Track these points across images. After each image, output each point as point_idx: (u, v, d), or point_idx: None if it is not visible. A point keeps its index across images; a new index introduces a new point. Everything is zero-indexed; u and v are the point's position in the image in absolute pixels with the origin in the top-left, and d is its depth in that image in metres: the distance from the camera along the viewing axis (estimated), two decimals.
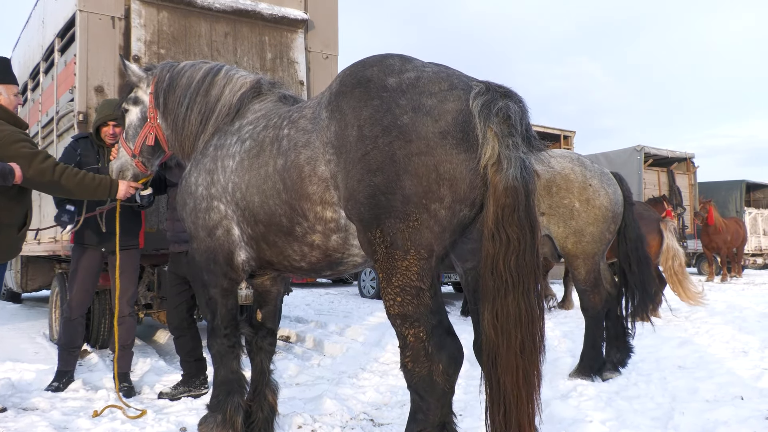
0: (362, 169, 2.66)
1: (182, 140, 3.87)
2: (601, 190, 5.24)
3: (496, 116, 2.54)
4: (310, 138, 2.97)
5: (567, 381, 5.16)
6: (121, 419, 4.16)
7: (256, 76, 3.85)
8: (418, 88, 2.66)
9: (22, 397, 4.74)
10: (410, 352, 2.67)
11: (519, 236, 2.52)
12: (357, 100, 2.75)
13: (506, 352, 2.54)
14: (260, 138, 3.29)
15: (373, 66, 2.83)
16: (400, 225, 2.59)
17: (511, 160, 2.52)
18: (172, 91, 3.90)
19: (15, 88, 4.45)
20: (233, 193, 3.36)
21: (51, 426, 3.96)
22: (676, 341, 6.83)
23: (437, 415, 2.69)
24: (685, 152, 18.54)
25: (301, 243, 3.15)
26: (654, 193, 17.10)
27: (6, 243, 4.25)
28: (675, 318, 8.76)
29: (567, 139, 14.36)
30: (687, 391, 4.76)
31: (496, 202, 2.52)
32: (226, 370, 3.68)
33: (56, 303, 7.03)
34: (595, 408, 4.34)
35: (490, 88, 2.63)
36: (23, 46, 8.91)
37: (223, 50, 6.37)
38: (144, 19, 6.02)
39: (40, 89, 7.63)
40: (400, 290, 2.66)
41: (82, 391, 4.92)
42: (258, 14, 6.50)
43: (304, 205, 3.00)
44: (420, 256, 2.61)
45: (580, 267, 5.29)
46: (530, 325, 2.54)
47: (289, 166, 3.02)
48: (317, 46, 7.05)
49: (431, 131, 2.56)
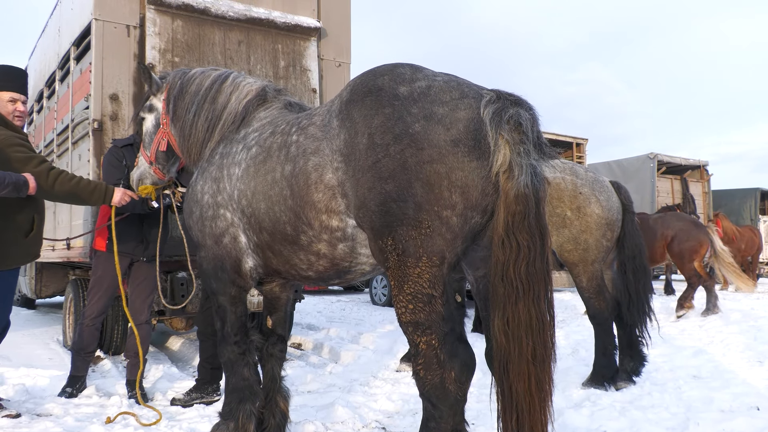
0: (373, 177, 2.66)
1: (189, 147, 3.90)
2: (591, 198, 5.27)
3: (508, 124, 2.56)
4: (320, 145, 2.97)
5: (580, 390, 5.12)
6: (134, 426, 4.18)
7: (261, 84, 3.86)
8: (429, 97, 2.68)
9: (36, 402, 4.76)
10: (422, 359, 2.68)
11: (529, 243, 2.53)
12: (368, 108, 2.76)
13: (518, 359, 2.53)
14: (267, 144, 3.30)
15: (384, 75, 2.84)
16: (413, 232, 2.60)
17: (523, 167, 2.53)
18: (181, 97, 3.95)
19: (12, 95, 4.42)
20: (239, 200, 3.37)
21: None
22: (690, 350, 6.77)
23: (449, 423, 2.69)
24: (699, 160, 18.42)
25: (307, 252, 3.15)
26: (667, 201, 16.99)
27: (13, 249, 4.27)
28: (689, 327, 8.69)
29: (579, 147, 14.30)
30: (702, 401, 4.71)
31: (507, 209, 2.53)
32: (237, 377, 3.66)
33: (70, 309, 7.07)
34: (609, 417, 4.30)
35: (501, 96, 2.65)
36: (39, 54, 9.01)
37: (237, 58, 6.41)
38: (158, 27, 6.07)
39: (56, 97, 7.71)
40: (411, 297, 2.66)
41: (96, 398, 4.94)
42: (271, 22, 6.53)
43: (309, 213, 3.00)
44: (432, 264, 2.62)
45: (581, 274, 5.32)
46: (541, 332, 2.54)
47: (297, 172, 3.02)
48: (330, 54, 7.08)
49: (443, 139, 2.58)
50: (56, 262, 7.47)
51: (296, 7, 6.79)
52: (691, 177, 18.42)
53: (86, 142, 6.12)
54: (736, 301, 12.55)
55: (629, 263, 5.43)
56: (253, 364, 3.71)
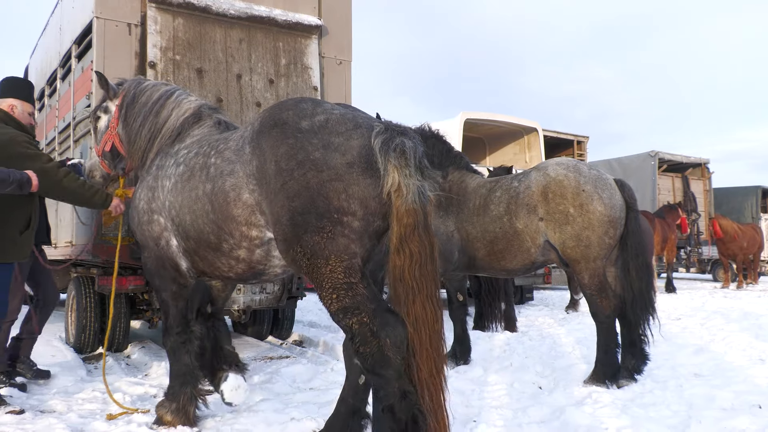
0: (283, 197, 3.11)
1: (133, 152, 4.40)
2: (594, 195, 5.28)
3: (394, 151, 2.99)
4: (234, 168, 3.44)
5: (582, 388, 5.11)
6: (137, 422, 4.19)
7: (199, 103, 4.36)
8: (327, 129, 3.13)
9: (40, 399, 4.79)
10: (359, 338, 3.02)
11: (420, 250, 2.98)
12: (274, 139, 3.21)
13: (419, 348, 2.99)
14: (191, 164, 3.77)
15: (289, 110, 3.30)
16: (317, 237, 3.03)
17: (410, 187, 2.97)
18: (132, 106, 4.43)
19: (32, 109, 4.89)
20: (170, 210, 3.84)
21: (68, 428, 4.01)
22: (691, 348, 6.78)
23: (395, 385, 2.98)
24: (700, 158, 18.39)
25: (228, 257, 3.62)
26: (668, 199, 16.99)
27: (8, 244, 4.39)
28: (690, 325, 8.70)
29: (580, 145, 14.28)
30: (704, 399, 4.71)
31: (399, 222, 2.97)
32: (179, 363, 4.13)
33: (72, 307, 7.09)
34: (611, 415, 4.30)
35: (389, 127, 3.09)
36: (40, 52, 9.01)
37: (238, 56, 6.41)
38: (160, 25, 6.07)
39: (57, 95, 7.71)
40: (332, 290, 3.07)
41: (98, 394, 4.95)
42: (272, 20, 6.53)
43: (230, 225, 3.47)
44: (341, 260, 3.04)
45: (583, 272, 5.32)
46: (435, 323, 3.02)
47: (217, 191, 3.50)
48: (331, 52, 7.07)
49: (340, 162, 3.04)
50: (58, 259, 7.47)
51: (297, 5, 6.77)
52: (693, 175, 18.40)
53: (88, 140, 6.12)
54: (738, 300, 12.57)
55: (633, 261, 5.41)
56: (194, 352, 4.16)
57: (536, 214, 5.44)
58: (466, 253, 5.96)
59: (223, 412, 4.46)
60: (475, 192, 6.00)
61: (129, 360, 6.65)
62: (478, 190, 6.00)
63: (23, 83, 5.01)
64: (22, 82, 5.01)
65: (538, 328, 8.85)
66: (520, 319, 9.68)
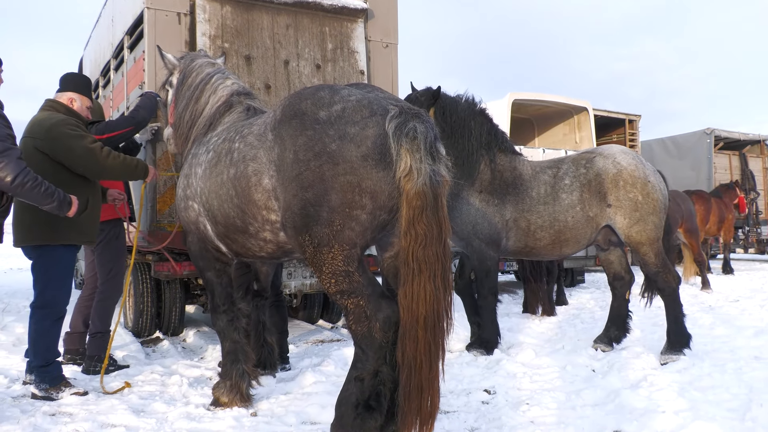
0: (297, 186, 3.24)
1: (177, 135, 4.69)
2: (657, 185, 5.80)
3: (407, 136, 3.09)
4: (257, 153, 3.55)
5: (637, 371, 5.03)
6: (194, 403, 4.31)
7: (232, 89, 4.49)
8: (343, 119, 3.21)
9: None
10: (352, 316, 3.21)
11: (426, 232, 3.05)
12: (294, 129, 3.32)
13: (409, 325, 3.04)
14: (219, 150, 3.92)
15: (307, 99, 3.39)
16: (326, 230, 3.17)
17: (420, 171, 3.06)
18: (181, 87, 4.70)
19: (89, 101, 5.02)
20: (200, 195, 4.02)
21: (129, 409, 4.15)
22: (751, 330, 6.59)
23: (373, 364, 3.18)
24: (759, 134, 17.66)
25: (256, 239, 3.77)
26: (725, 178, 16.42)
27: (65, 224, 4.44)
28: (749, 307, 8.45)
29: (632, 123, 13.91)
30: (765, 383, 4.59)
31: (409, 205, 3.06)
32: (228, 341, 4.29)
33: (129, 292, 7.30)
34: (668, 398, 4.22)
35: (403, 111, 3.18)
36: (94, 44, 9.23)
37: (285, 42, 6.45)
38: (208, 14, 6.14)
39: (111, 86, 7.90)
40: (331, 275, 3.23)
41: (157, 376, 5.10)
42: (318, 5, 6.54)
43: (252, 209, 3.61)
44: (343, 249, 3.18)
45: (649, 252, 5.69)
46: (435, 303, 3.05)
47: (239, 175, 3.63)
48: (377, 35, 7.05)
49: (354, 155, 3.13)
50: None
51: None
52: (751, 153, 17.72)
53: None
54: None
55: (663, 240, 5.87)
56: (242, 329, 4.35)
57: (606, 201, 5.72)
58: (523, 241, 5.89)
59: (276, 395, 4.55)
60: (536, 179, 5.93)
61: (185, 344, 6.82)
62: (537, 177, 5.93)
63: (81, 78, 5.15)
64: (80, 78, 5.15)
65: (590, 310, 8.71)
66: (570, 301, 9.56)
